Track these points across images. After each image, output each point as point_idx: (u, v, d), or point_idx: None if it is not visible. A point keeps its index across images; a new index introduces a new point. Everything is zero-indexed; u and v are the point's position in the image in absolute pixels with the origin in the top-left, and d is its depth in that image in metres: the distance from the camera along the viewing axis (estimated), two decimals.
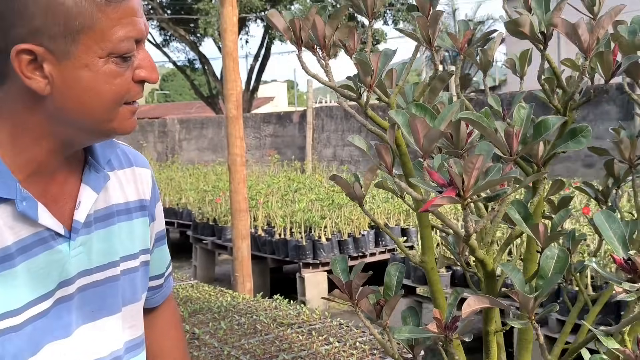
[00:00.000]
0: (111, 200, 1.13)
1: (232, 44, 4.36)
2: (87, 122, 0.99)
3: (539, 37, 1.20)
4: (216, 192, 8.73)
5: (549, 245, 1.17)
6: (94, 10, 0.93)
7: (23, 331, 0.96)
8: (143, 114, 36.32)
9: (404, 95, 1.41)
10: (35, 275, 0.99)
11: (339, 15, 1.22)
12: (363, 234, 6.75)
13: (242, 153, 4.44)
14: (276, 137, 14.66)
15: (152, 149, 17.06)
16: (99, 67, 0.95)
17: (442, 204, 0.92)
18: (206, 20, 20.89)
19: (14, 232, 0.97)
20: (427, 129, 1.01)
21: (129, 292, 1.15)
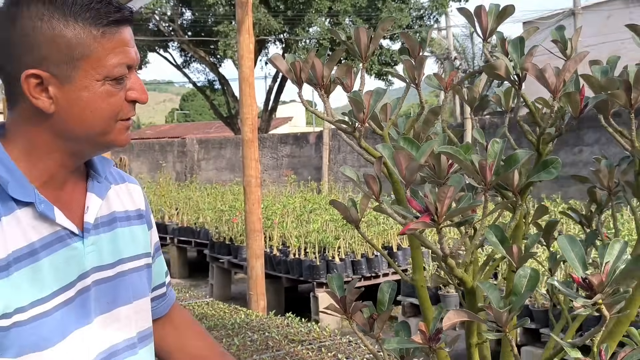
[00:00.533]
0: (112, 208, 1.30)
1: (249, 70, 4.52)
2: (88, 135, 1.15)
3: (515, 78, 1.33)
4: (233, 212, 8.87)
5: (522, 266, 1.29)
6: (91, 41, 1.10)
7: (52, 317, 1.11)
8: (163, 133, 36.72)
9: (398, 127, 1.55)
10: (58, 268, 1.14)
11: (336, 57, 1.36)
12: (376, 254, 6.86)
13: (257, 174, 4.59)
14: (293, 158, 14.83)
15: (171, 169, 17.30)
16: (96, 88, 1.12)
17: (418, 228, 1.06)
18: (226, 43, 21.19)
19: (36, 231, 1.12)
20: (409, 162, 1.15)
21: (136, 287, 1.30)
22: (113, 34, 1.13)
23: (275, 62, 1.36)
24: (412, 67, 1.34)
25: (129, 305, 1.27)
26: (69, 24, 1.10)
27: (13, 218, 1.10)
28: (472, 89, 1.57)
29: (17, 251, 1.09)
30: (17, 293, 1.08)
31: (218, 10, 21.54)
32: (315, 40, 22.37)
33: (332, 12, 21.85)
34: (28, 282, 1.09)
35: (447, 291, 5.26)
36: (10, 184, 1.10)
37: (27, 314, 1.08)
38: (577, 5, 20.57)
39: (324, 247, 6.86)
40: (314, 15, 21.24)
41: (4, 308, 1.06)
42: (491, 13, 1.39)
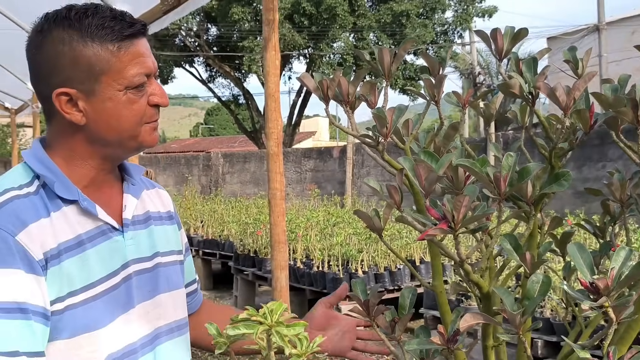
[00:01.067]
0: (147, 207, 1.44)
1: (274, 86, 4.63)
2: (119, 139, 1.28)
3: (528, 96, 1.42)
4: (257, 224, 8.98)
5: (534, 272, 1.38)
6: (109, 57, 1.23)
7: (100, 300, 1.24)
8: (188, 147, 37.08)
9: (419, 141, 1.64)
10: (103, 258, 1.27)
11: (360, 76, 1.46)
12: (399, 267, 6.92)
13: (281, 188, 4.69)
14: (317, 172, 14.95)
15: (197, 182, 17.50)
16: (119, 98, 1.25)
17: (435, 234, 1.15)
18: (251, 58, 21.44)
19: (81, 225, 1.26)
20: (428, 173, 1.24)
21: (172, 279, 1.44)
22: (128, 47, 1.25)
23: (303, 80, 1.46)
24: (431, 85, 1.43)
25: (167, 293, 1.41)
26: (87, 44, 1.22)
27: (61, 214, 1.23)
28: (489, 105, 1.66)
29: (66, 242, 1.22)
30: (69, 279, 1.21)
31: (243, 26, 21.83)
32: (339, 55, 22.54)
33: (357, 27, 22.03)
34: (77, 269, 1.22)
35: (469, 304, 5.31)
36: (56, 183, 1.23)
37: (78, 297, 1.21)
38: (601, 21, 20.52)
39: (347, 260, 6.93)
40: (338, 31, 21.43)
41: (58, 292, 1.19)
42: (506, 35, 1.48)
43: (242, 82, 24.56)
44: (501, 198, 1.29)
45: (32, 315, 1.15)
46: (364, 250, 6.92)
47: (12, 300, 1.13)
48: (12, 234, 1.16)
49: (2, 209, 1.19)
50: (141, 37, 1.29)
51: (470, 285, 1.74)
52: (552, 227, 1.76)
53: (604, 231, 1.86)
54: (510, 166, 1.30)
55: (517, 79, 1.38)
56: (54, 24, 1.25)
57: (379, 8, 22.48)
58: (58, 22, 1.25)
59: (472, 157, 1.54)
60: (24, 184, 1.25)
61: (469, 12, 22.99)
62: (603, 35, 20.11)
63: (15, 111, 13.24)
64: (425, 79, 1.43)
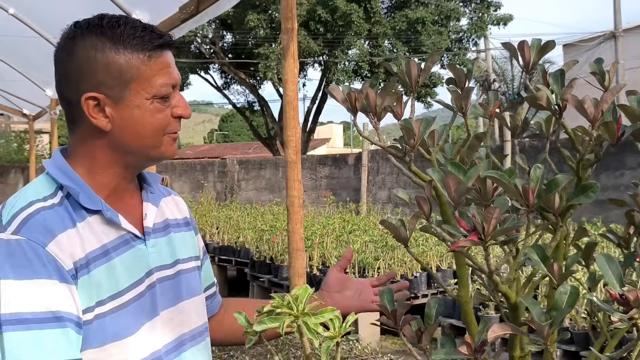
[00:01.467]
0: (165, 215, 1.46)
1: (293, 94, 4.66)
2: (141, 148, 1.30)
3: (556, 108, 1.43)
4: (273, 231, 9.01)
5: (562, 283, 1.38)
6: (139, 65, 1.26)
7: (128, 309, 1.26)
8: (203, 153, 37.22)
9: (445, 152, 1.66)
10: (128, 267, 1.29)
11: (388, 88, 1.48)
12: (415, 275, 6.91)
13: (299, 195, 4.71)
14: (332, 179, 14.96)
15: (212, 188, 17.56)
16: (146, 106, 1.27)
17: (467, 246, 1.16)
18: (266, 65, 21.52)
19: (105, 235, 1.27)
20: (457, 185, 1.25)
21: (192, 286, 1.46)
22: (158, 57, 1.28)
23: (332, 92, 1.48)
24: (459, 97, 1.44)
25: (189, 300, 1.43)
26: (120, 51, 1.25)
27: (86, 224, 1.25)
28: (515, 116, 1.67)
29: (93, 252, 1.24)
30: (97, 288, 1.22)
31: (259, 33, 21.91)
32: (355, 62, 22.58)
33: (372, 34, 22.06)
34: (105, 278, 1.24)
35: (487, 312, 5.30)
36: (81, 194, 1.25)
37: (107, 307, 1.23)
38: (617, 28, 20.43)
39: (363, 267, 6.94)
40: (353, 38, 21.46)
41: (87, 301, 1.20)
42: (533, 47, 1.49)
43: (257, 89, 24.64)
44: (529, 210, 1.30)
45: (67, 323, 1.16)
46: (381, 258, 6.91)
47: (46, 310, 1.14)
48: (42, 244, 1.17)
49: (30, 220, 1.20)
50: (168, 49, 1.31)
51: (494, 295, 1.74)
52: (577, 237, 1.76)
53: (628, 242, 1.86)
54: (538, 178, 1.31)
55: (545, 91, 1.39)
56: (87, 31, 1.27)
57: (394, 15, 22.51)
58: (91, 29, 1.27)
59: (499, 168, 1.55)
60: (48, 196, 1.26)
61: (484, 19, 22.97)
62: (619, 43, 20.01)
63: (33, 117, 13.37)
64: (453, 91, 1.44)
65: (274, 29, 21.67)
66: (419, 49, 22.28)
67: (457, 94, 1.43)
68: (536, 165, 1.34)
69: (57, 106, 11.13)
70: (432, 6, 22.23)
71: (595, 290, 1.69)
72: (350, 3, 20.82)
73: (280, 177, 16.38)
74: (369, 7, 21.39)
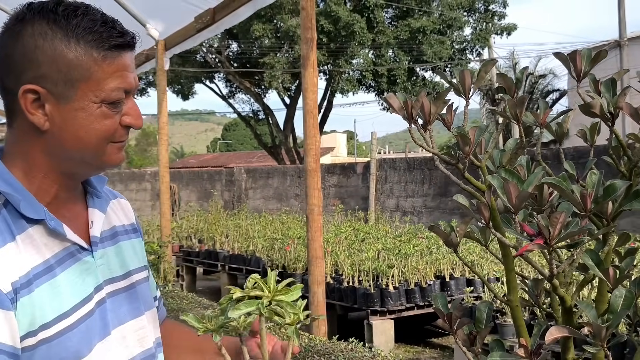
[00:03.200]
0: (112, 222, 1.33)
1: (312, 103, 4.70)
2: (81, 155, 1.15)
3: (608, 116, 1.47)
4: (285, 240, 9.03)
5: (617, 286, 1.42)
6: (91, 64, 1.12)
7: (77, 329, 1.12)
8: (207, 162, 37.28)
9: (492, 159, 1.69)
10: (74, 283, 1.15)
11: (442, 97, 1.52)
12: (429, 283, 6.93)
13: (319, 203, 4.74)
14: (340, 187, 15.00)
15: (220, 197, 17.60)
16: (92, 110, 1.12)
17: (533, 250, 1.19)
18: (271, 74, 21.60)
19: (48, 248, 1.13)
20: (518, 191, 1.29)
21: (146, 298, 1.33)
22: (114, 58, 1.14)
23: (389, 100, 1.52)
24: (514, 105, 1.48)
25: (143, 316, 1.30)
26: (71, 45, 1.11)
27: (26, 236, 1.11)
28: (562, 125, 1.70)
29: (35, 268, 1.09)
30: (40, 309, 1.08)
31: (264, 42, 22.02)
32: (359, 72, 22.66)
33: (375, 44, 22.14)
34: (49, 298, 1.09)
35: (504, 320, 5.32)
36: (22, 202, 1.11)
37: (52, 330, 1.08)
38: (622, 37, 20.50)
39: (377, 275, 6.96)
40: (357, 47, 21.54)
41: (29, 325, 1.06)
42: (584, 57, 1.52)
43: (262, 98, 24.72)
44: (587, 214, 1.33)
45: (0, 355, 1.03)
46: (395, 266, 6.94)
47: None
48: None
49: None
50: (128, 50, 1.17)
51: (537, 300, 1.77)
52: (620, 244, 1.80)
53: None
54: (594, 183, 1.35)
55: (598, 99, 1.43)
56: (38, 15, 1.12)
57: (397, 24, 22.60)
58: (43, 14, 1.12)
59: (551, 174, 1.59)
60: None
61: (488, 29, 23.05)
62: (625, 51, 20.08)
63: None
64: (508, 100, 1.48)
65: (279, 38, 21.77)
66: (421, 58, 22.36)
67: (512, 102, 1.47)
68: (592, 171, 1.37)
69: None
70: (434, 16, 22.32)
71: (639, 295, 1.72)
72: (353, 13, 20.91)
73: (288, 185, 16.42)
74: (372, 16, 21.48)
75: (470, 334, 1.58)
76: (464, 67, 22.58)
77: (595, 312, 1.36)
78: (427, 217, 12.69)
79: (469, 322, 1.53)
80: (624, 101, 1.41)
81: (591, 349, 1.35)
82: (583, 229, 1.23)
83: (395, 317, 6.61)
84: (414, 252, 7.23)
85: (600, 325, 1.31)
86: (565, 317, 1.50)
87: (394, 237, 8.71)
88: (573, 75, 1.51)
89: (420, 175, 12.96)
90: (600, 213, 1.51)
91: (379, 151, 29.30)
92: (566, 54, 1.54)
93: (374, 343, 6.49)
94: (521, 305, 1.90)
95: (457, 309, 1.53)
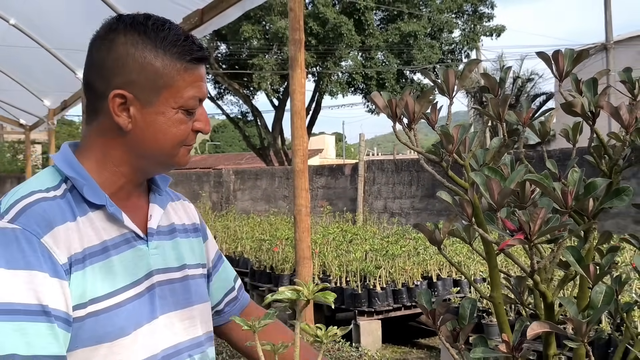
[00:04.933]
0: (171, 220, 1.43)
1: (300, 104, 4.71)
2: (157, 155, 1.29)
3: (589, 115, 1.49)
4: (273, 241, 9.04)
5: (597, 283, 1.44)
6: (175, 73, 1.25)
7: (125, 308, 1.22)
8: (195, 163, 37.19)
9: (476, 158, 1.71)
10: (127, 266, 1.25)
11: (427, 96, 1.54)
12: (416, 284, 6.96)
13: (307, 204, 4.75)
14: (328, 189, 15.01)
15: (208, 199, 17.57)
16: (171, 115, 1.25)
17: (514, 245, 1.21)
18: (260, 75, 21.59)
19: (106, 232, 1.24)
20: (501, 188, 1.31)
21: (199, 292, 1.42)
22: (193, 69, 1.27)
23: (374, 99, 1.53)
24: (497, 104, 1.50)
25: (193, 307, 1.39)
26: (159, 55, 1.23)
27: (87, 219, 1.22)
28: (544, 124, 1.72)
29: (91, 247, 1.20)
30: (92, 285, 1.18)
31: (253, 43, 22.00)
32: (348, 74, 22.69)
33: (365, 46, 22.18)
34: (102, 276, 1.20)
35: (490, 320, 5.35)
36: (85, 187, 1.23)
37: (101, 304, 1.18)
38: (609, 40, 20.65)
39: (364, 276, 6.98)
40: (345, 50, 21.57)
41: (79, 298, 1.16)
42: (566, 56, 1.55)
43: (251, 100, 24.70)
44: (568, 211, 1.36)
45: (54, 319, 1.12)
46: (382, 267, 6.96)
47: (35, 303, 1.11)
48: (37, 235, 1.14)
49: (28, 210, 1.17)
50: (204, 63, 1.31)
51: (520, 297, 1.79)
52: (602, 241, 1.82)
53: None
54: (575, 181, 1.37)
55: (579, 98, 1.45)
56: (130, 27, 1.25)
57: (387, 27, 22.65)
58: (135, 26, 1.25)
59: (532, 172, 1.61)
60: (51, 187, 1.23)
61: (477, 31, 23.15)
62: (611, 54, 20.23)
63: (30, 128, 13.36)
64: (491, 99, 1.50)
65: (268, 40, 21.76)
66: (410, 62, 22.42)
67: (495, 101, 1.49)
68: (573, 169, 1.39)
69: (55, 116, 11.14)
70: (424, 19, 22.38)
71: (621, 291, 1.75)
72: (340, 15, 20.93)
73: (276, 187, 16.41)
74: (362, 19, 21.52)
75: (453, 330, 1.60)
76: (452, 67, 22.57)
77: (576, 307, 1.38)
78: (414, 218, 12.72)
79: (453, 318, 1.54)
80: (605, 100, 1.43)
81: (572, 344, 1.38)
82: (564, 224, 1.25)
83: (382, 317, 6.63)
84: (402, 253, 7.26)
85: (580, 321, 1.33)
86: (546, 313, 1.52)
87: (381, 238, 8.74)
88: (555, 75, 1.53)
89: (408, 176, 13.00)
90: (581, 210, 1.53)
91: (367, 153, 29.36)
92: (549, 54, 1.56)
93: (362, 343, 6.51)
94: (506, 303, 1.92)
95: (440, 306, 1.55)
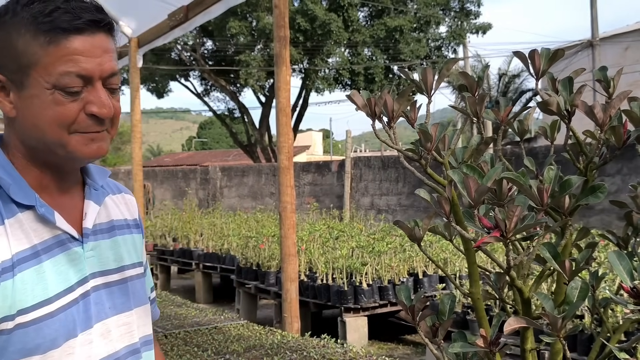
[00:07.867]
0: (111, 216, 1.32)
1: (285, 101, 4.72)
2: (43, 142, 1.14)
3: (565, 113, 1.51)
4: (260, 238, 9.04)
5: (573, 278, 1.46)
6: (38, 50, 1.10)
7: (57, 318, 1.11)
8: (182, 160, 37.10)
9: (455, 156, 1.73)
10: (60, 271, 1.14)
11: (405, 94, 1.55)
12: (402, 280, 6.99)
13: (292, 201, 4.76)
14: (315, 186, 15.03)
15: (194, 195, 17.55)
16: (45, 97, 1.10)
17: (490, 242, 1.23)
18: (247, 72, 21.55)
19: (37, 234, 1.13)
20: (477, 185, 1.32)
21: (138, 294, 1.32)
22: (63, 42, 1.11)
23: (353, 97, 1.55)
24: (474, 102, 1.52)
25: (131, 311, 1.28)
26: (20, 32, 1.11)
27: (16, 221, 1.11)
28: (523, 122, 1.75)
29: (21, 253, 1.10)
30: (21, 295, 1.08)
31: (239, 40, 21.94)
32: (335, 70, 22.69)
33: (351, 42, 22.18)
34: (31, 283, 1.10)
35: (475, 316, 5.39)
36: (12, 186, 1.12)
37: (31, 315, 1.09)
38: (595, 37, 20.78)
39: (350, 272, 7.00)
40: (333, 46, 21.57)
41: (8, 309, 1.07)
42: (542, 56, 1.57)
43: (238, 96, 24.62)
44: (544, 209, 1.38)
45: None
46: (368, 264, 6.99)
47: None
48: None
49: None
50: (88, 34, 1.13)
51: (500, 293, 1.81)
52: (580, 237, 1.85)
53: (627, 242, 1.95)
54: (551, 179, 1.39)
55: (555, 97, 1.47)
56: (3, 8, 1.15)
57: (373, 23, 22.66)
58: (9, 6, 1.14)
59: (510, 170, 1.63)
60: None
61: (463, 27, 23.21)
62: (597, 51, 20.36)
63: None
64: (468, 97, 1.52)
65: (255, 36, 21.72)
66: (398, 56, 22.45)
67: (472, 100, 1.51)
68: (549, 167, 1.41)
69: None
70: (410, 14, 22.42)
71: (598, 287, 1.78)
72: (329, 12, 20.92)
73: (263, 184, 16.41)
74: (346, 16, 21.51)
75: (433, 326, 1.62)
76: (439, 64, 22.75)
77: (552, 303, 1.41)
78: (401, 215, 12.76)
79: (432, 313, 1.56)
80: (579, 99, 1.45)
81: (548, 339, 1.40)
82: (539, 221, 1.27)
83: (368, 314, 6.66)
84: (388, 250, 7.29)
85: (556, 316, 1.36)
86: (524, 308, 1.54)
87: (368, 234, 8.76)
88: (532, 74, 1.55)
89: (395, 173, 13.04)
90: (557, 207, 1.56)
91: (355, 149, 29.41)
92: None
93: (348, 340, 6.54)
94: (486, 298, 1.94)
95: (420, 302, 1.57)
